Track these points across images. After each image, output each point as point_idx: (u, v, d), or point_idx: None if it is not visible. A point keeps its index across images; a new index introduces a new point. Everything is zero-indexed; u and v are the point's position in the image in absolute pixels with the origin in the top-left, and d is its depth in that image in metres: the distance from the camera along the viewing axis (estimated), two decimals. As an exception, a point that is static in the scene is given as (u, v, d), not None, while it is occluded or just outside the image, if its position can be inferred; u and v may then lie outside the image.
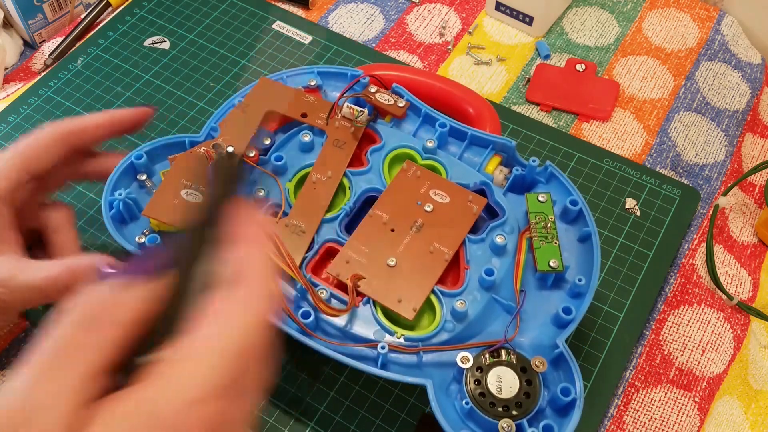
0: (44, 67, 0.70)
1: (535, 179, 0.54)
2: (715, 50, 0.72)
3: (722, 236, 0.61)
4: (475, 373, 0.45)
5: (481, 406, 0.44)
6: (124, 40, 0.72)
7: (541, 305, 0.49)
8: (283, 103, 0.57)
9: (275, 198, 0.52)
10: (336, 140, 0.54)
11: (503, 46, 0.72)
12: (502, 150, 0.55)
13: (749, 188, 0.64)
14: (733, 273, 0.59)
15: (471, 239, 0.50)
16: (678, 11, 0.75)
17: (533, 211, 0.51)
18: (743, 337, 0.56)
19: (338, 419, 0.50)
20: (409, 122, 0.57)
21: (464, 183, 0.53)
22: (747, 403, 0.53)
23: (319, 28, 0.73)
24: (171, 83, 0.68)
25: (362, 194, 0.53)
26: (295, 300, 0.48)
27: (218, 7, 0.75)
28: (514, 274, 0.49)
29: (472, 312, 0.47)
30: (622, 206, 0.61)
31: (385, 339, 0.46)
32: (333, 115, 0.55)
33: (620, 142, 0.65)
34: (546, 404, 0.45)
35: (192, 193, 0.50)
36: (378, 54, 0.70)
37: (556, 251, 0.49)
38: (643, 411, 0.52)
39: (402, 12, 0.75)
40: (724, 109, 0.68)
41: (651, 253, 0.58)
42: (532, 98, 0.68)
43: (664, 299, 0.57)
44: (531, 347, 0.47)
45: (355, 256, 0.49)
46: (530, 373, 0.45)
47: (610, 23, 0.74)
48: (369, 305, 0.48)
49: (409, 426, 0.50)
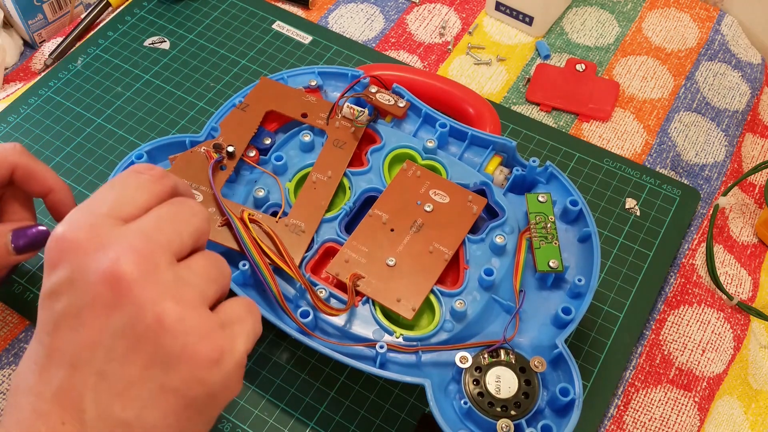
0: (44, 67, 0.70)
1: (535, 179, 0.54)
2: (715, 50, 0.72)
3: (722, 236, 0.61)
4: (473, 373, 0.45)
5: (479, 406, 0.44)
6: (124, 40, 0.72)
7: (541, 305, 0.49)
8: (284, 103, 0.57)
9: (275, 198, 0.52)
10: (336, 140, 0.54)
11: (503, 46, 0.72)
12: (502, 150, 0.55)
13: (749, 188, 0.64)
14: (733, 273, 0.59)
15: (471, 239, 0.50)
16: (678, 11, 0.75)
17: (533, 212, 0.51)
18: (743, 337, 0.56)
19: (338, 419, 0.50)
20: (409, 122, 0.57)
21: (464, 183, 0.53)
22: (747, 403, 0.53)
23: (319, 28, 0.73)
24: (171, 83, 0.68)
25: (362, 194, 0.53)
26: (294, 299, 0.48)
27: (218, 7, 0.75)
28: (514, 275, 0.49)
29: (472, 312, 0.47)
30: (622, 206, 0.61)
31: (384, 338, 0.46)
32: (333, 115, 0.55)
33: (620, 142, 0.65)
34: (545, 404, 0.45)
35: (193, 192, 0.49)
36: (378, 54, 0.70)
37: (555, 251, 0.49)
38: (643, 411, 0.52)
39: (402, 12, 0.75)
40: (724, 109, 0.68)
41: (651, 253, 0.58)
42: (532, 98, 0.68)
43: (664, 299, 0.57)
44: (530, 347, 0.47)
45: (355, 256, 0.49)
46: (529, 374, 0.45)
47: (610, 23, 0.74)
48: (368, 305, 0.48)
49: (409, 426, 0.50)
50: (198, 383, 0.34)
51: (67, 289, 0.34)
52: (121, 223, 0.35)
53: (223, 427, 0.50)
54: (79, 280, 0.34)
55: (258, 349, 0.53)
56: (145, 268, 0.33)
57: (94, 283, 0.33)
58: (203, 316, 0.35)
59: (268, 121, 0.57)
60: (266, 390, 0.51)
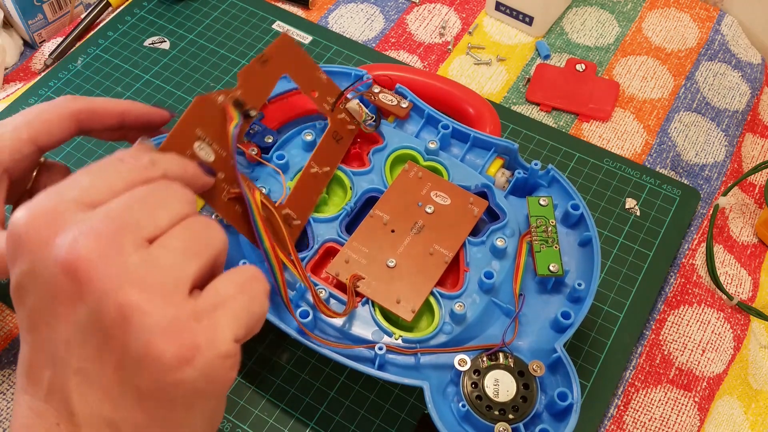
0: (44, 67, 0.70)
1: (536, 182, 0.54)
2: (715, 50, 0.72)
3: (722, 236, 0.61)
4: (472, 375, 0.45)
5: (477, 409, 0.44)
6: (124, 40, 0.72)
7: (540, 309, 0.49)
8: (300, 71, 0.52)
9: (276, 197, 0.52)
10: (335, 132, 0.54)
11: (503, 46, 0.72)
12: (504, 152, 0.55)
13: (749, 188, 0.64)
14: (733, 273, 0.59)
15: (471, 241, 0.50)
16: (678, 11, 0.75)
17: (534, 215, 0.51)
18: (743, 337, 0.56)
19: (338, 419, 0.50)
20: (411, 123, 0.57)
21: (466, 185, 0.53)
22: (747, 403, 0.53)
23: (319, 28, 0.73)
24: (171, 83, 0.68)
25: (363, 194, 0.53)
26: (293, 299, 0.48)
27: (218, 7, 0.75)
28: (514, 278, 0.49)
29: (471, 315, 0.47)
30: (622, 206, 0.61)
31: (383, 340, 0.46)
32: (339, 104, 0.54)
33: (620, 142, 0.65)
34: (543, 408, 0.45)
35: (204, 148, 0.42)
36: (378, 54, 0.70)
37: (556, 255, 0.49)
38: (643, 411, 0.52)
39: (402, 12, 0.75)
40: (724, 109, 0.68)
41: (651, 253, 0.58)
42: (532, 98, 0.68)
43: (664, 299, 0.57)
44: (529, 351, 0.47)
45: (355, 257, 0.49)
46: (527, 377, 0.45)
47: (610, 23, 0.74)
48: (368, 306, 0.48)
49: (409, 426, 0.50)
50: (171, 385, 0.30)
51: (31, 282, 0.31)
52: (89, 209, 0.31)
53: (223, 427, 0.50)
54: (40, 271, 0.30)
55: (258, 350, 0.53)
56: (106, 251, 0.29)
57: (54, 273, 0.30)
58: (173, 306, 0.30)
59: (269, 119, 0.57)
60: (266, 390, 0.51)
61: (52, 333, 0.31)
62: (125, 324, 0.29)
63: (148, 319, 0.29)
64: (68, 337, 0.30)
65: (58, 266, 0.29)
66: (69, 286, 0.29)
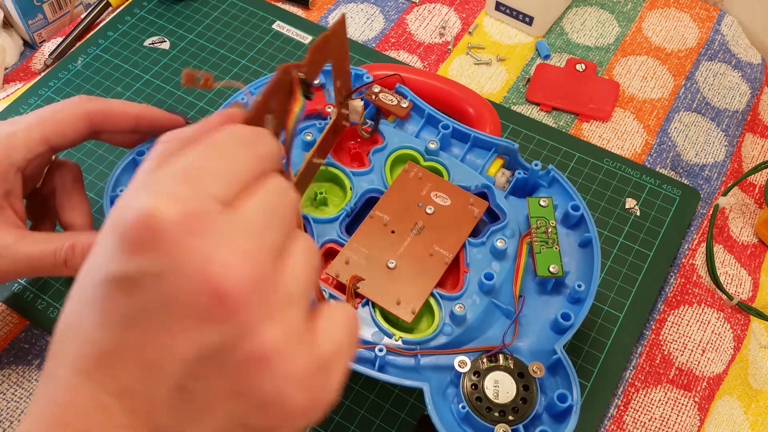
0: (44, 67, 0.70)
1: (537, 183, 0.53)
2: (715, 50, 0.72)
3: (722, 236, 0.61)
4: (472, 377, 0.45)
5: (477, 411, 0.44)
6: (124, 40, 0.72)
7: (540, 310, 0.49)
8: (340, 55, 0.49)
9: None
10: (335, 125, 0.54)
11: (503, 46, 0.72)
12: (504, 153, 0.55)
13: (749, 188, 0.64)
14: (733, 273, 0.59)
15: (471, 242, 0.50)
16: (678, 11, 0.75)
17: (534, 216, 0.51)
18: (743, 337, 0.56)
19: (338, 419, 0.50)
20: (412, 123, 0.57)
21: (466, 185, 0.53)
22: (747, 403, 0.53)
23: (319, 28, 0.73)
24: (171, 83, 0.68)
25: (363, 195, 0.53)
26: None
27: (218, 7, 0.75)
28: (514, 279, 0.49)
29: (471, 316, 0.47)
30: (622, 206, 0.61)
31: (383, 341, 0.46)
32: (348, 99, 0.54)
33: (620, 142, 0.65)
34: (543, 410, 0.45)
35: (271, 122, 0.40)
36: (378, 54, 0.70)
37: (556, 256, 0.49)
38: (643, 411, 0.52)
39: (402, 12, 0.75)
40: (724, 109, 0.68)
41: (651, 253, 0.58)
42: (532, 98, 0.68)
43: (664, 299, 0.57)
44: (529, 352, 0.47)
45: (355, 257, 0.49)
46: (527, 379, 0.45)
47: (610, 23, 0.74)
48: (368, 307, 0.48)
49: (409, 426, 0.50)
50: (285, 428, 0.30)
51: (154, 283, 0.28)
52: (228, 210, 0.29)
53: (224, 428, 0.50)
54: (171, 278, 0.28)
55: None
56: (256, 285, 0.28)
57: (195, 288, 0.27)
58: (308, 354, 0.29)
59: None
60: (267, 391, 0.51)
61: (156, 340, 0.28)
62: (261, 364, 0.28)
63: (287, 367, 0.28)
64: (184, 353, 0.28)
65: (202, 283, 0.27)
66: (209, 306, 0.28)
